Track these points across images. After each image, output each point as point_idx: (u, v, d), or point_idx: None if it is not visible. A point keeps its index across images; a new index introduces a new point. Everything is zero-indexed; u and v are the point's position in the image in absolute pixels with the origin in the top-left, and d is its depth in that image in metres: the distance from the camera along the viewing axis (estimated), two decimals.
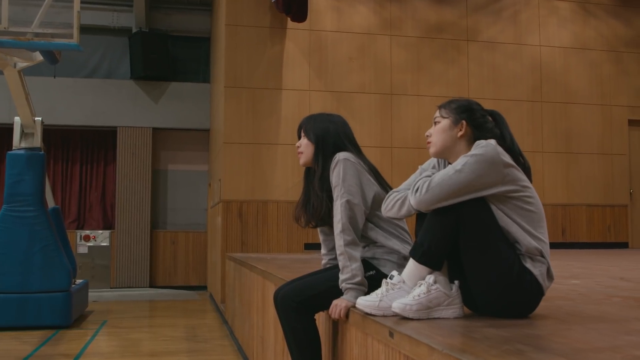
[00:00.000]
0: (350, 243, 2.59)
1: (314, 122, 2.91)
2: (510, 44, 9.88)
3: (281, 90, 9.10)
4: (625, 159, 10.14)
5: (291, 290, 2.68)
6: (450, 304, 2.24)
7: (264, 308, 4.84)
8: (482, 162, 2.20)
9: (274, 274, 4.41)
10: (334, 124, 2.89)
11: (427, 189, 2.21)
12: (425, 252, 2.24)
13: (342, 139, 2.85)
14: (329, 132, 2.86)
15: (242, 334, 6.16)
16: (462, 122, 2.41)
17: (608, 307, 2.58)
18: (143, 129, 12.16)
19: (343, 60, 9.34)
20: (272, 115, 9.02)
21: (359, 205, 2.65)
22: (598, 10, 10.27)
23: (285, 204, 8.87)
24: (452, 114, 2.43)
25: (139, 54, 11.87)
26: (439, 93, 9.52)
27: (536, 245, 2.24)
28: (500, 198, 2.25)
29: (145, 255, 11.97)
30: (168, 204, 12.47)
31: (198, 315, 8.68)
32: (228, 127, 8.90)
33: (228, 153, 8.86)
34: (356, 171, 2.69)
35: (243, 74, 9.01)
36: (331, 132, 2.86)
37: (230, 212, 8.76)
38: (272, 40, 9.15)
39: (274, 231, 8.88)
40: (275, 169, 8.94)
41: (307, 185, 2.92)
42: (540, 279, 2.23)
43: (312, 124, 2.91)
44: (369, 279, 2.60)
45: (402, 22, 9.59)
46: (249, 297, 5.76)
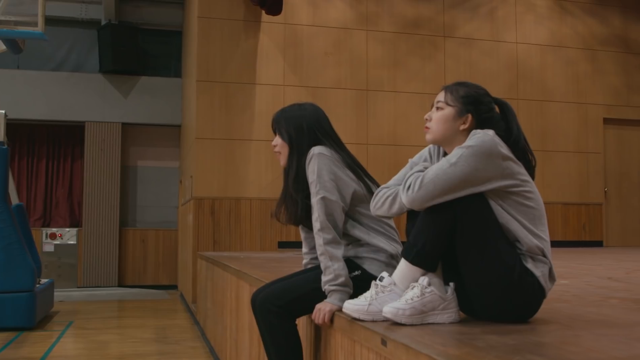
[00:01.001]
0: (331, 241, 2.41)
1: (285, 117, 2.71)
2: (487, 40, 9.78)
3: (255, 85, 8.89)
4: (600, 157, 10.11)
5: (271, 293, 2.48)
6: (445, 308, 2.06)
7: (238, 309, 4.64)
8: (479, 154, 2.02)
9: (248, 273, 4.21)
10: (307, 118, 2.68)
11: (419, 185, 2.03)
12: (419, 253, 2.06)
13: (316, 133, 2.65)
14: (301, 129, 2.66)
15: (215, 336, 5.95)
16: (467, 116, 2.20)
17: (608, 310, 2.43)
18: (112, 124, 11.84)
19: (318, 55, 9.16)
20: (246, 111, 8.81)
21: (337, 202, 2.46)
22: (574, 8, 10.23)
23: (259, 201, 8.67)
24: (458, 103, 2.22)
25: (108, 47, 11.55)
26: (415, 89, 9.40)
27: (538, 244, 2.08)
28: (499, 193, 2.07)
29: (114, 253, 11.67)
30: (137, 201, 12.17)
31: (168, 316, 8.44)
32: (200, 122, 8.67)
33: (200, 149, 8.63)
34: (331, 166, 2.51)
35: (216, 68, 8.78)
36: (304, 129, 2.66)
37: (202, 209, 8.53)
38: (246, 33, 8.93)
39: (247, 229, 8.67)
40: (248, 166, 8.73)
41: (286, 185, 2.73)
42: (542, 280, 2.07)
43: (283, 121, 2.71)
44: (355, 279, 2.41)
45: (379, 17, 9.43)
46: (222, 298, 5.55)
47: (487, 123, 2.20)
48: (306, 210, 2.58)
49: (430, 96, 8.92)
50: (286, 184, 2.69)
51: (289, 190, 2.64)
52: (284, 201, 2.71)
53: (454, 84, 2.30)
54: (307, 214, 2.58)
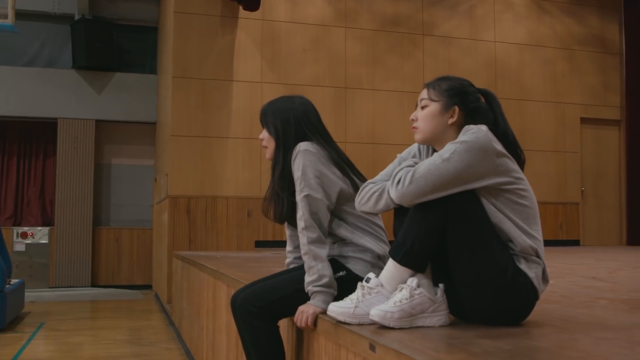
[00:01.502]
0: (315, 241, 2.31)
1: (272, 111, 2.60)
2: (465, 39, 9.74)
3: (232, 82, 8.76)
4: (578, 156, 10.14)
5: (251, 294, 2.37)
6: (435, 310, 1.97)
7: (215, 310, 4.52)
8: (473, 150, 1.94)
9: (226, 274, 4.10)
10: (295, 112, 2.57)
11: (410, 180, 1.93)
12: (408, 252, 1.96)
13: (303, 127, 2.55)
14: (289, 124, 2.55)
15: (191, 338, 5.82)
16: (454, 108, 2.12)
17: (600, 312, 2.36)
18: (85, 120, 11.61)
19: (297, 52, 9.04)
20: (223, 108, 8.67)
21: (321, 200, 2.37)
22: (552, 7, 10.23)
23: (236, 200, 8.55)
24: (442, 97, 2.14)
25: (82, 42, 11.31)
26: (394, 87, 9.33)
27: (531, 244, 2.00)
28: (492, 191, 1.99)
29: (87, 253, 11.43)
30: (111, 200, 11.95)
31: (143, 317, 8.27)
32: (176, 119, 8.51)
33: (176, 146, 8.47)
34: (317, 163, 2.41)
35: (192, 65, 8.63)
36: (292, 123, 2.55)
37: (178, 208, 8.38)
38: (223, 29, 8.79)
39: (223, 228, 8.53)
40: (225, 164, 8.59)
41: (272, 181, 2.63)
42: (535, 281, 1.99)
43: (270, 114, 2.60)
44: (339, 280, 2.31)
45: (358, 14, 9.35)
46: (198, 298, 5.42)
47: (475, 113, 2.13)
48: (292, 208, 2.48)
49: (409, 94, 8.88)
50: (272, 180, 2.59)
51: (275, 187, 2.54)
52: (270, 197, 2.60)
53: (435, 79, 2.22)
54: (292, 211, 2.48)
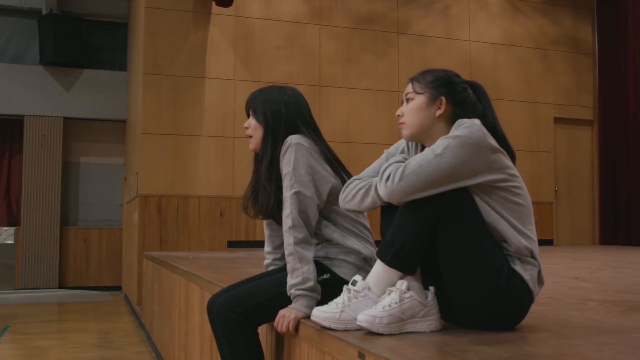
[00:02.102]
0: (302, 241, 2.17)
1: (263, 99, 2.44)
2: (440, 38, 9.69)
3: (204, 79, 8.59)
4: (551, 156, 10.15)
5: (229, 299, 2.22)
6: (426, 315, 1.86)
7: (188, 313, 4.38)
8: (467, 145, 1.83)
9: (199, 275, 3.96)
10: (287, 103, 2.43)
11: (400, 176, 1.82)
12: (397, 254, 1.85)
13: (295, 119, 2.41)
14: (280, 113, 2.40)
15: (162, 341, 5.66)
16: (440, 99, 2.02)
17: (593, 314, 2.27)
18: (53, 118, 11.33)
19: (270, 49, 8.91)
20: (195, 106, 8.50)
21: (312, 198, 2.23)
22: (526, 7, 10.24)
23: (208, 199, 8.39)
24: (428, 88, 2.04)
25: (49, 37, 11.02)
26: (368, 86, 9.25)
27: (526, 245, 1.90)
28: (485, 189, 1.88)
29: (54, 253, 11.16)
30: (80, 199, 11.68)
31: (112, 319, 8.06)
32: (147, 117, 8.32)
33: (146, 145, 8.28)
34: (309, 158, 2.27)
35: (164, 61, 8.44)
36: (283, 113, 2.40)
37: (148, 207, 8.20)
38: (196, 25, 8.62)
39: (195, 228, 8.37)
40: (197, 162, 8.43)
41: (256, 173, 2.49)
42: (530, 284, 1.89)
43: (260, 101, 2.44)
44: (322, 283, 2.18)
45: (332, 11, 9.24)
46: (170, 301, 5.26)
47: (464, 104, 2.03)
48: (278, 203, 2.34)
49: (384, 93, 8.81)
50: (258, 172, 2.45)
51: (261, 179, 2.39)
52: (254, 191, 2.46)
53: (420, 72, 2.12)
54: (279, 207, 2.33)
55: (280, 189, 2.32)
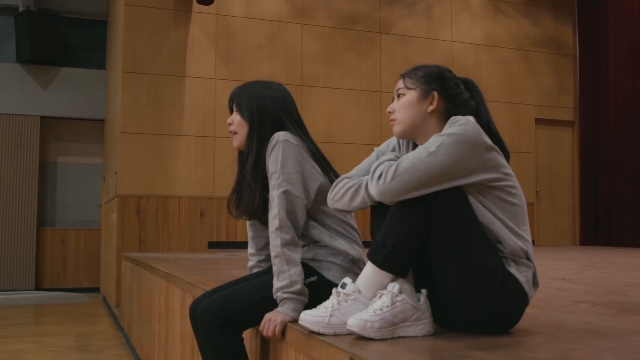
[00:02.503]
0: (289, 243, 2.10)
1: (248, 94, 2.36)
2: (422, 38, 9.66)
3: (185, 78, 8.48)
4: (532, 157, 10.17)
5: (213, 303, 2.14)
6: (418, 318, 1.80)
7: (168, 316, 4.28)
8: (462, 143, 1.77)
9: (180, 277, 3.86)
10: (273, 98, 2.35)
11: (393, 175, 1.75)
12: (389, 255, 1.78)
13: (281, 116, 2.33)
14: (266, 109, 2.32)
15: (141, 344, 5.55)
16: (432, 94, 1.96)
17: (586, 317, 2.22)
18: (30, 117, 11.13)
19: (252, 48, 8.82)
20: (175, 105, 8.39)
21: (300, 198, 2.15)
22: (508, 8, 10.24)
23: (188, 199, 8.28)
24: (419, 84, 1.98)
25: (26, 35, 10.83)
26: (351, 86, 9.19)
27: (522, 246, 1.84)
28: (480, 188, 1.82)
29: (31, 254, 10.96)
30: (57, 200, 11.49)
31: (90, 321, 7.92)
32: (126, 115, 8.19)
33: (125, 144, 8.15)
34: (298, 156, 2.19)
35: (143, 59, 8.32)
36: (269, 109, 2.32)
37: (127, 208, 8.07)
38: (176, 23, 8.50)
39: (175, 229, 8.26)
40: (177, 162, 8.32)
41: (241, 171, 2.40)
42: (526, 286, 1.83)
43: (245, 96, 2.35)
44: (310, 286, 2.11)
45: (315, 10, 9.17)
46: (150, 303, 5.16)
47: (456, 100, 1.98)
48: (264, 203, 2.26)
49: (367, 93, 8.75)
50: (242, 170, 2.36)
51: (246, 178, 2.30)
52: (237, 190, 2.37)
53: (411, 69, 2.07)
54: (264, 206, 2.25)
55: (266, 188, 2.24)
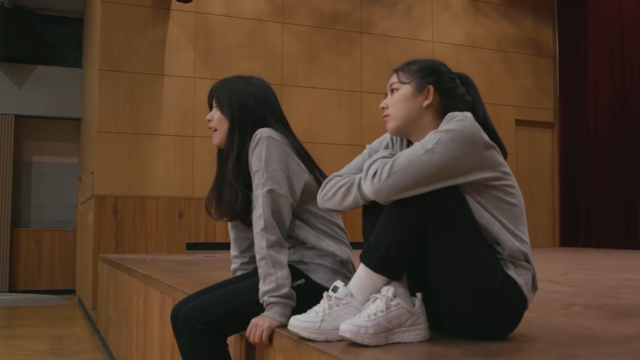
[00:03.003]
0: (275, 244, 2.01)
1: (228, 89, 2.26)
2: (403, 38, 9.62)
3: (163, 76, 8.34)
4: (512, 158, 10.16)
5: (196, 308, 2.04)
6: (413, 324, 1.72)
7: (147, 319, 4.17)
8: (460, 140, 1.70)
9: (159, 279, 3.76)
10: (255, 94, 2.26)
11: (388, 173, 1.67)
12: (383, 257, 1.70)
13: (264, 112, 2.24)
14: (247, 105, 2.23)
15: (118, 347, 5.42)
16: (428, 88, 1.89)
17: (582, 321, 2.16)
18: (4, 115, 10.91)
19: (231, 46, 8.71)
20: (153, 103, 8.25)
21: (285, 196, 2.06)
22: (488, 9, 10.24)
23: (166, 200, 8.15)
24: (414, 77, 1.91)
25: (0, 32, 10.61)
26: (331, 86, 9.11)
27: (520, 248, 1.77)
28: (477, 187, 1.75)
29: (4, 256, 10.74)
30: (32, 200, 11.27)
31: (65, 324, 7.76)
32: (103, 114, 8.03)
33: (102, 143, 7.99)
34: (282, 153, 2.11)
35: (121, 57, 8.17)
36: (251, 105, 2.23)
37: (104, 208, 7.91)
38: (155, 21, 8.36)
39: (152, 230, 8.11)
40: (155, 162, 8.17)
41: (220, 170, 2.30)
42: (525, 289, 1.76)
43: (226, 92, 2.26)
44: (297, 289, 2.02)
45: (295, 9, 9.08)
46: (127, 305, 5.04)
47: (452, 94, 1.91)
48: (246, 202, 2.16)
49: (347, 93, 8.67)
50: (222, 169, 2.27)
51: (227, 176, 2.20)
52: (218, 190, 2.28)
53: (404, 63, 2.00)
54: (247, 206, 2.16)
55: (249, 187, 2.15)
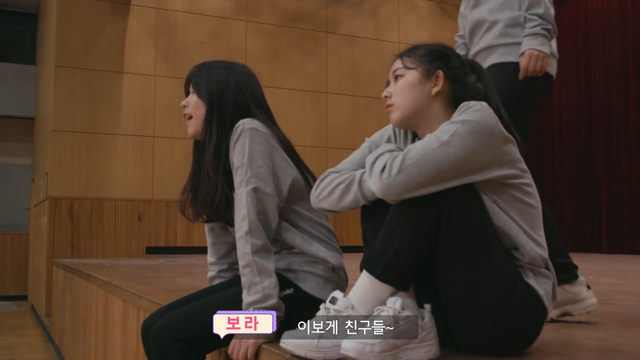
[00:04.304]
0: (261, 249, 1.79)
1: (208, 73, 2.01)
2: (369, 39, 9.48)
3: (122, 74, 8.04)
4: None
5: (171, 322, 1.80)
6: (423, 339, 1.51)
7: (107, 329, 3.90)
8: (478, 132, 1.50)
9: (121, 286, 3.50)
10: (237, 81, 2.02)
11: (399, 167, 1.47)
12: (390, 265, 1.50)
13: (247, 99, 2.00)
14: (227, 91, 1.98)
15: (74, 358, 5.12)
16: (437, 73, 1.68)
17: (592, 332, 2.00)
18: None
19: (193, 44, 8.44)
20: (112, 102, 7.94)
21: (272, 195, 1.84)
22: (454, 11, 10.15)
23: (125, 202, 7.84)
24: (421, 62, 1.70)
25: None
26: (296, 86, 8.92)
27: (541, 254, 1.58)
28: (494, 186, 1.56)
29: None
30: None
31: (16, 332, 7.39)
32: (58, 113, 7.70)
33: (57, 143, 7.66)
34: (268, 146, 1.88)
35: (78, 53, 7.85)
36: (232, 91, 1.98)
37: (59, 211, 7.58)
38: (114, 16, 8.06)
39: (110, 233, 7.80)
40: (113, 163, 7.87)
41: (197, 164, 2.07)
42: (545, 300, 1.57)
43: (205, 76, 2.01)
44: (285, 300, 1.81)
45: (259, 7, 8.87)
46: (85, 313, 4.75)
47: (463, 82, 1.70)
48: (227, 199, 1.93)
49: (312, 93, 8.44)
50: (198, 162, 2.03)
51: (205, 168, 1.95)
52: (193, 186, 2.04)
53: (409, 47, 1.78)
54: (227, 202, 1.93)
55: (229, 183, 1.92)
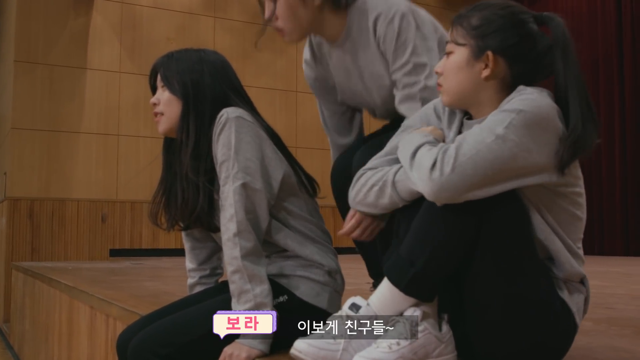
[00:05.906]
0: (251, 253, 1.60)
1: (177, 64, 1.80)
2: None
3: (85, 70, 7.77)
4: None
5: (151, 336, 1.60)
6: (441, 353, 1.35)
7: (72, 337, 3.67)
8: (533, 126, 1.28)
9: (88, 291, 3.28)
10: (210, 67, 1.80)
11: (453, 165, 1.25)
12: (418, 277, 1.31)
13: (224, 89, 1.80)
14: (203, 81, 1.78)
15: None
16: (486, 54, 1.41)
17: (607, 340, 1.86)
18: None
19: (160, 40, 8.19)
20: (74, 99, 7.66)
21: (262, 192, 1.64)
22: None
23: (88, 202, 7.58)
24: (470, 37, 1.44)
25: None
26: (265, 84, 8.73)
27: (579, 271, 1.41)
28: (542, 194, 1.36)
29: None
30: None
31: None
32: (17, 109, 7.42)
33: (16, 141, 7.37)
34: (256, 137, 1.69)
35: (38, 48, 7.56)
36: (207, 80, 1.78)
37: (18, 212, 7.30)
38: (76, 10, 7.78)
39: (72, 235, 7.53)
40: (76, 162, 7.59)
41: (169, 166, 1.86)
42: (577, 316, 1.41)
43: (174, 68, 1.80)
44: (278, 308, 1.63)
45: (228, 4, 8.68)
46: (47, 320, 4.50)
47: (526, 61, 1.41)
48: (208, 202, 1.74)
49: (282, 92, 8.25)
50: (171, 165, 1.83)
51: (184, 171, 1.74)
52: (166, 191, 1.83)
53: (468, 8, 1.49)
54: (210, 208, 1.74)
55: (211, 183, 1.73)
